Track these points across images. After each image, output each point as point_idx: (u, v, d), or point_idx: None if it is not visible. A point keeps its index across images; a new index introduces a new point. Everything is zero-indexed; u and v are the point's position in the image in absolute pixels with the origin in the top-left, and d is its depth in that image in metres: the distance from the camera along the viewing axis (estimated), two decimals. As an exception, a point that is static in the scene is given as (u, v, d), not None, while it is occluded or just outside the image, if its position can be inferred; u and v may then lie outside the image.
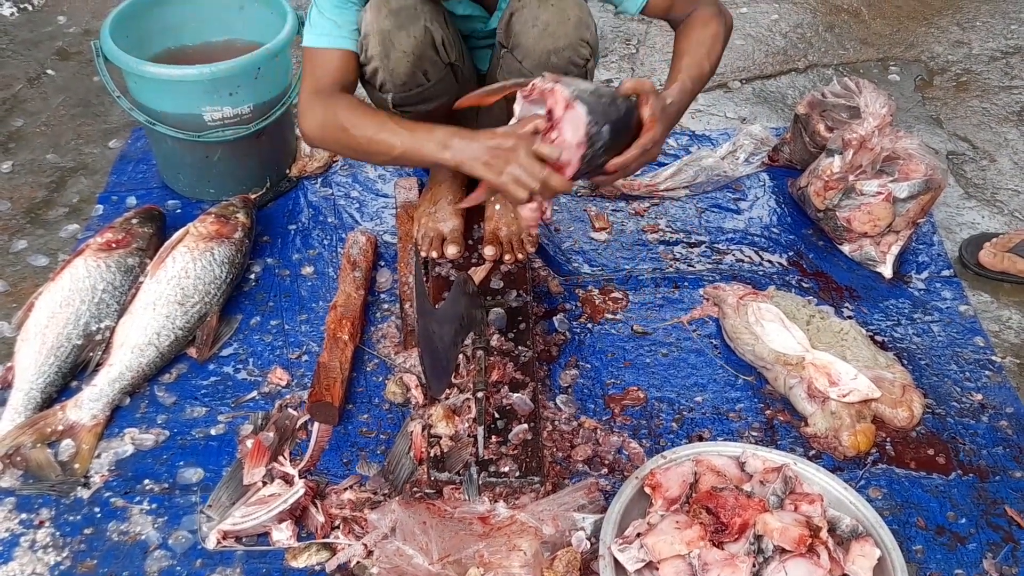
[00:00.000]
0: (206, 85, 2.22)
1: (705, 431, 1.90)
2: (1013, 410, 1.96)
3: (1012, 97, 3.00)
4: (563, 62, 1.84)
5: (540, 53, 1.83)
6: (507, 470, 1.74)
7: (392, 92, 1.87)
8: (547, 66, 1.82)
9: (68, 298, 2.01)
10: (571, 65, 1.84)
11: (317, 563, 1.63)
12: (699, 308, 2.18)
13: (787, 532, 1.48)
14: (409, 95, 1.89)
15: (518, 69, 1.86)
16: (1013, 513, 1.74)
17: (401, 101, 1.90)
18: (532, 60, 1.85)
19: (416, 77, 1.86)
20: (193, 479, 1.79)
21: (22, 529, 1.69)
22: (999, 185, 2.63)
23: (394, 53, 1.81)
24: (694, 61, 1.81)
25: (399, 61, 1.82)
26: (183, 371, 2.01)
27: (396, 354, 2.04)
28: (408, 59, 1.83)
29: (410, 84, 1.87)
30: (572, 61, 1.85)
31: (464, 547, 1.60)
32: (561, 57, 1.83)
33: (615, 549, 1.54)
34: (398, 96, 1.88)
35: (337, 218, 2.44)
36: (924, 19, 3.43)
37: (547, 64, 1.83)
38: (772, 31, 3.36)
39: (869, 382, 1.87)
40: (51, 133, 2.77)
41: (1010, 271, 2.26)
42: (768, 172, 2.62)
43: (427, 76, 1.88)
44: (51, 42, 3.22)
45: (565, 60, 1.84)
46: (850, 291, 2.24)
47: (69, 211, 2.46)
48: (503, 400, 1.87)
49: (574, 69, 1.84)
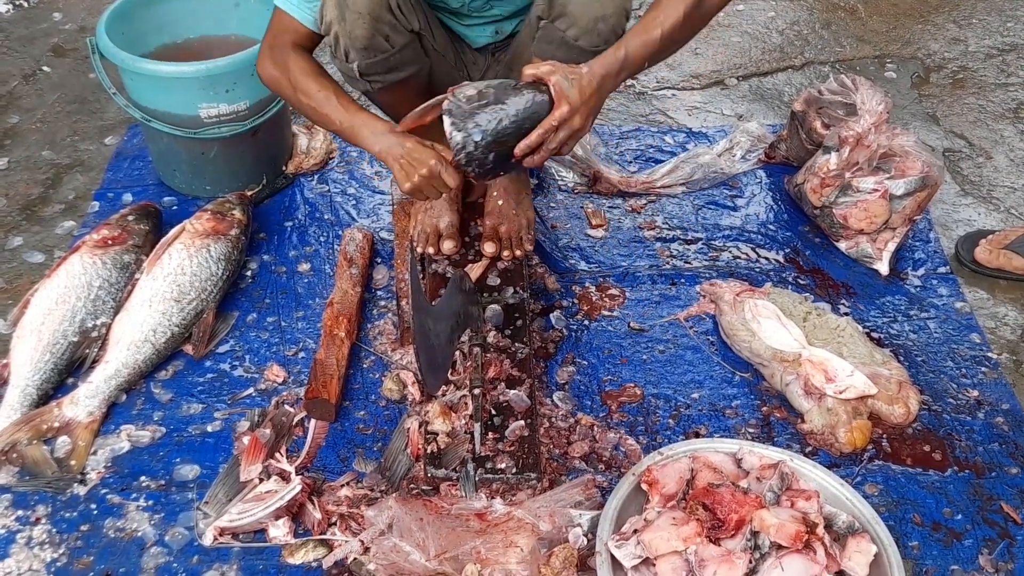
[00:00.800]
0: (202, 82, 2.22)
1: (702, 428, 1.90)
2: (1009, 407, 1.96)
3: (1008, 94, 3.01)
4: (608, 29, 1.80)
5: (588, 20, 1.79)
6: (504, 466, 1.74)
7: (356, 60, 1.85)
8: (594, 33, 1.79)
9: (64, 295, 2.01)
10: (614, 33, 1.81)
11: (314, 560, 1.63)
12: (696, 305, 2.18)
13: (783, 528, 1.48)
14: (373, 62, 1.86)
15: (560, 38, 1.82)
16: (1009, 509, 1.75)
17: (367, 69, 1.87)
18: (579, 27, 1.80)
19: (377, 41, 1.83)
20: (190, 476, 1.78)
21: (18, 526, 1.68)
22: (995, 182, 2.63)
23: (349, 14, 1.78)
24: (644, 26, 1.74)
25: (355, 22, 1.79)
26: (179, 368, 2.01)
27: (393, 351, 2.04)
28: (364, 20, 1.79)
29: (372, 49, 1.84)
30: (615, 29, 1.81)
31: (461, 543, 1.60)
32: (607, 24, 1.79)
33: (612, 545, 1.54)
34: (363, 63, 1.86)
35: (334, 215, 2.43)
36: (920, 16, 3.43)
37: (594, 31, 1.79)
38: (769, 28, 3.36)
39: (865, 379, 1.88)
40: (47, 130, 2.76)
41: (1006, 268, 2.26)
42: (765, 169, 2.63)
43: (389, 42, 1.85)
44: (46, 39, 3.21)
45: (610, 28, 1.80)
46: (847, 288, 2.25)
47: (65, 208, 2.46)
48: (500, 397, 1.87)
49: (614, 38, 1.80)
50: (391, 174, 2.51)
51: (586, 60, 1.73)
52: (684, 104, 2.95)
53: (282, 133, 2.55)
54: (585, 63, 1.69)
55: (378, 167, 2.59)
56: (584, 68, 1.67)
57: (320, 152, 2.59)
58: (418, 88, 1.97)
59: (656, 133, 2.77)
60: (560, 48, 1.82)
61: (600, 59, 1.70)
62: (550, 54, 1.81)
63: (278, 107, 2.40)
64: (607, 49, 1.72)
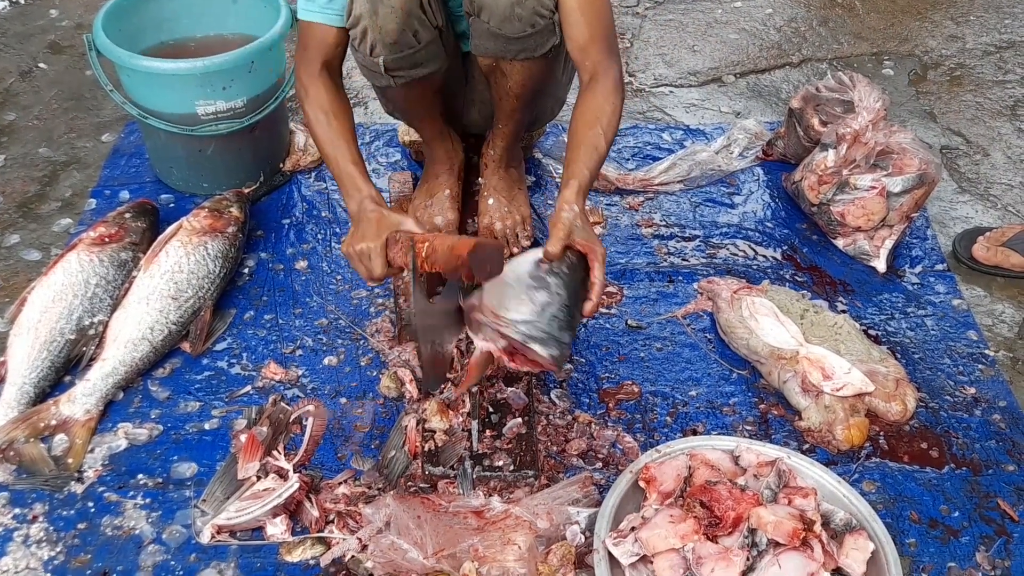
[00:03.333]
0: (199, 79, 2.21)
1: (699, 425, 1.90)
2: (1006, 404, 1.96)
3: (1006, 91, 3.01)
4: (528, 13, 1.80)
5: (503, 8, 1.80)
6: (501, 464, 1.74)
7: (383, 54, 1.85)
8: (513, 19, 1.80)
9: (61, 293, 2.00)
10: (536, 16, 1.81)
11: (311, 557, 1.63)
12: (693, 302, 2.18)
13: (781, 526, 1.48)
14: (400, 57, 1.87)
15: (486, 30, 1.84)
16: (1006, 506, 1.75)
17: (393, 64, 1.88)
18: (498, 17, 1.81)
19: (406, 36, 1.84)
20: (187, 474, 1.78)
21: (15, 524, 1.68)
22: (992, 179, 2.63)
23: (382, 8, 1.79)
24: (591, 144, 1.76)
25: (387, 17, 1.80)
26: (177, 366, 2.01)
27: (391, 348, 2.04)
28: (396, 15, 1.80)
29: (401, 44, 1.84)
30: (536, 12, 1.81)
31: (459, 541, 1.60)
32: (525, 8, 1.80)
33: (609, 543, 1.54)
34: (390, 58, 1.86)
35: (331, 212, 2.43)
36: (918, 13, 3.43)
37: (512, 17, 1.80)
38: (766, 25, 3.36)
39: (863, 376, 1.88)
40: (43, 127, 2.75)
41: (1003, 265, 2.26)
42: (762, 166, 2.62)
43: (417, 37, 1.86)
44: (43, 35, 3.21)
45: (530, 11, 1.80)
46: (844, 285, 2.25)
47: (62, 205, 2.46)
48: (497, 394, 1.87)
49: (540, 20, 1.81)
50: (389, 171, 2.53)
51: (516, 49, 1.79)
52: (682, 101, 2.95)
53: (279, 130, 2.55)
54: (564, 200, 1.67)
55: (375, 165, 2.58)
56: (571, 207, 1.67)
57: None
58: (435, 86, 1.99)
59: (654, 130, 2.77)
60: (490, 40, 1.85)
61: (573, 189, 1.69)
62: (484, 48, 1.87)
63: (275, 104, 2.39)
64: (570, 185, 1.71)
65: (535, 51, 1.87)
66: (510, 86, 1.97)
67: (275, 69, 2.38)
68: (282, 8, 2.34)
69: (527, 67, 1.91)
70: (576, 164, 1.73)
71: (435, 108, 2.15)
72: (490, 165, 2.25)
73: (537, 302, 1.58)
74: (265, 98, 2.36)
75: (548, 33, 1.85)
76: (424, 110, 2.15)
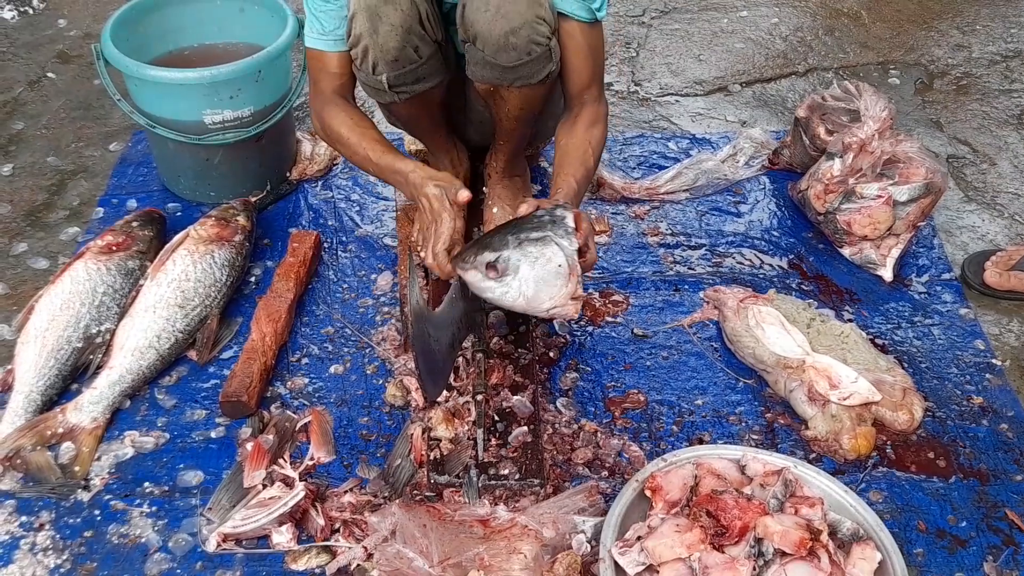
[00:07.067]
0: (206, 88, 2.22)
1: (705, 434, 1.90)
2: (1013, 413, 1.96)
3: (1012, 100, 3.00)
4: (523, 42, 1.79)
5: (498, 37, 1.79)
6: (507, 473, 1.74)
7: (386, 72, 1.86)
8: (508, 49, 1.79)
9: (68, 301, 2.01)
10: (532, 44, 1.80)
11: (317, 566, 1.63)
12: (699, 311, 2.18)
13: (787, 535, 1.48)
14: (402, 73, 1.87)
15: (482, 58, 1.83)
16: (1013, 516, 1.74)
17: (396, 81, 1.88)
18: (492, 46, 1.80)
19: (407, 52, 1.84)
20: (193, 482, 1.78)
21: (22, 532, 1.69)
22: (999, 188, 2.63)
23: (382, 27, 1.79)
24: (579, 161, 1.90)
25: (388, 35, 1.80)
26: (183, 374, 2.01)
27: (396, 356, 2.04)
28: (397, 32, 1.80)
29: (402, 60, 1.85)
30: (532, 40, 1.79)
31: (464, 550, 1.60)
32: (520, 37, 1.78)
33: (615, 552, 1.54)
34: (392, 75, 1.87)
35: (337, 221, 2.44)
36: (924, 23, 3.43)
37: (507, 46, 1.79)
38: (772, 34, 3.36)
39: (869, 385, 1.87)
40: (51, 136, 2.77)
41: (1018, 289, 2.22)
42: (768, 175, 2.63)
43: (418, 52, 1.86)
44: (52, 45, 3.23)
45: (525, 40, 1.79)
46: (850, 294, 2.24)
47: (69, 214, 2.47)
48: (503, 403, 1.87)
49: (537, 48, 1.80)
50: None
51: (512, 77, 1.83)
52: (688, 110, 2.95)
53: (286, 139, 2.55)
54: (556, 195, 1.83)
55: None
56: (561, 198, 1.80)
57: (324, 158, 2.59)
58: (438, 99, 2.00)
59: (660, 139, 2.78)
60: (486, 68, 1.85)
61: (562, 195, 1.81)
62: (480, 75, 1.87)
63: (282, 113, 2.40)
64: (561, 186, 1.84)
65: (532, 78, 1.86)
66: (509, 109, 1.97)
67: (282, 79, 2.39)
68: (289, 17, 2.35)
69: (525, 93, 1.90)
70: (564, 176, 1.86)
71: (439, 120, 2.16)
72: (494, 175, 2.26)
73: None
74: (272, 107, 2.37)
75: (545, 60, 1.84)
76: (428, 123, 2.15)
